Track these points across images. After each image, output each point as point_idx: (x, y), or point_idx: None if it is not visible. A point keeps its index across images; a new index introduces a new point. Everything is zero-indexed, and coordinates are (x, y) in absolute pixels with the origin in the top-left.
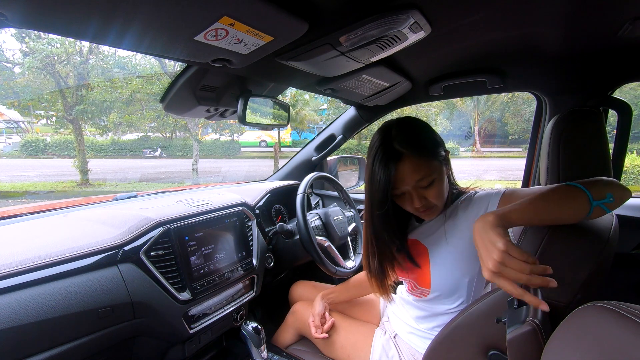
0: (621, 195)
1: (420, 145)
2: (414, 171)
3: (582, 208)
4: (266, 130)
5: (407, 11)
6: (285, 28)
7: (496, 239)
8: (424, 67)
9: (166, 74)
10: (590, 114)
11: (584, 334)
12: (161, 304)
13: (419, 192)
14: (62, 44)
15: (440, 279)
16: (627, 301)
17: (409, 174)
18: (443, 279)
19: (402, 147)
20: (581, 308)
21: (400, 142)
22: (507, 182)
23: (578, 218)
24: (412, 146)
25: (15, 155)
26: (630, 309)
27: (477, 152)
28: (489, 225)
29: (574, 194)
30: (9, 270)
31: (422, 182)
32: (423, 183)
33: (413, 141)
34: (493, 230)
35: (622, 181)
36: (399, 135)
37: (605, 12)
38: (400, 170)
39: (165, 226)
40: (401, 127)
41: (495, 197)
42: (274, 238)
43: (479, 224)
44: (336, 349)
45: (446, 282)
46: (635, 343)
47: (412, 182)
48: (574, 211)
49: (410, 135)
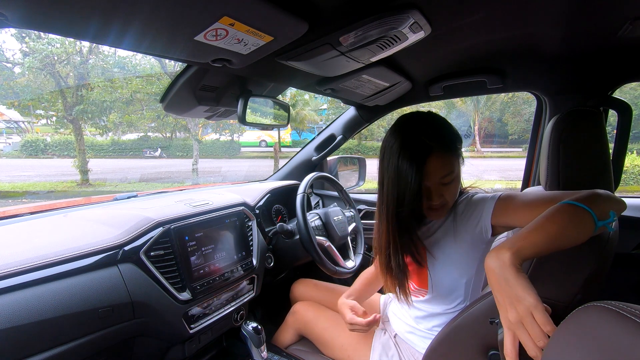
0: (620, 209)
1: (447, 139)
2: (442, 166)
3: (588, 230)
4: (266, 130)
5: (407, 11)
6: (285, 28)
7: (524, 294)
8: (424, 67)
9: (166, 74)
10: (590, 114)
11: (584, 334)
12: (161, 304)
13: (439, 189)
14: (62, 44)
15: (438, 279)
16: (627, 301)
17: (437, 169)
18: (441, 280)
19: (431, 141)
20: (581, 308)
21: (429, 136)
22: (507, 182)
23: (584, 240)
24: (440, 140)
25: (15, 155)
26: (630, 309)
27: (477, 152)
28: (508, 268)
29: (581, 217)
30: (9, 270)
31: (445, 179)
32: (447, 179)
33: (441, 135)
34: (516, 277)
35: (622, 181)
36: (428, 129)
37: (605, 12)
38: (428, 164)
39: (165, 226)
40: (428, 121)
41: (490, 201)
42: (274, 238)
43: (493, 263)
44: (336, 349)
45: (444, 283)
46: (635, 343)
47: (437, 178)
48: (583, 235)
49: (438, 130)
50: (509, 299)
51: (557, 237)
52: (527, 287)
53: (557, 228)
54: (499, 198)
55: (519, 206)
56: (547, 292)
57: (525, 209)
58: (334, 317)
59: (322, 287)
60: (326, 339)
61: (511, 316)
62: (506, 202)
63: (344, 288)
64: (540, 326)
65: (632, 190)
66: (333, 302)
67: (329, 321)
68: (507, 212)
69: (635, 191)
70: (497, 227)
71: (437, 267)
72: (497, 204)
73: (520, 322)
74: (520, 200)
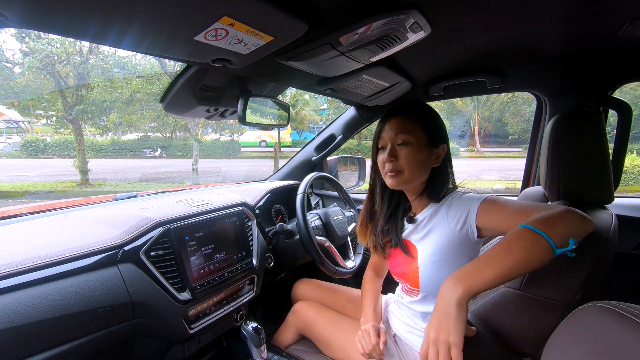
0: (585, 230)
1: (418, 112)
2: (397, 125)
3: (545, 258)
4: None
5: (407, 11)
6: (285, 28)
7: (454, 330)
8: (424, 67)
9: (166, 74)
10: (590, 114)
11: (584, 334)
12: (161, 304)
13: (394, 150)
14: (62, 44)
15: (427, 279)
16: (627, 301)
17: (393, 127)
18: (430, 279)
19: (402, 109)
20: (581, 308)
21: (405, 105)
22: (507, 182)
23: (542, 265)
24: (410, 110)
25: (15, 155)
26: (630, 309)
27: (476, 152)
28: (454, 305)
29: (538, 246)
30: (9, 270)
31: (398, 137)
32: (398, 138)
33: (414, 108)
34: (457, 314)
35: (622, 181)
36: (406, 103)
37: (605, 12)
38: (389, 122)
39: (165, 226)
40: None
41: (476, 202)
42: (274, 238)
43: (446, 292)
44: (336, 349)
45: (433, 283)
46: (635, 343)
47: (392, 134)
48: (540, 262)
49: (414, 104)
50: (440, 324)
51: (513, 269)
52: (460, 327)
53: (513, 260)
54: (484, 200)
55: (499, 212)
56: (546, 291)
57: (505, 217)
58: (334, 317)
59: (324, 287)
60: (326, 339)
61: (432, 335)
62: (490, 206)
63: (346, 288)
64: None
65: (632, 190)
66: (335, 302)
67: (329, 321)
68: (490, 216)
69: (635, 191)
70: (482, 230)
71: (425, 266)
72: (481, 205)
73: (436, 343)
74: (502, 206)
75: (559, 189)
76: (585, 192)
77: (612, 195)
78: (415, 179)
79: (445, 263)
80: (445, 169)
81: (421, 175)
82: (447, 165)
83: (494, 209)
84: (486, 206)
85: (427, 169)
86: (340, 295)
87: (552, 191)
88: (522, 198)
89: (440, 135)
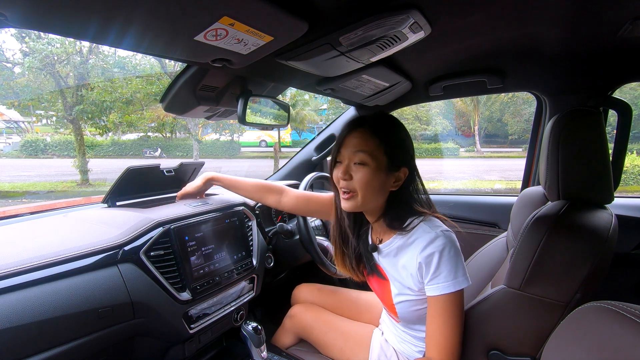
0: None
1: (385, 129)
2: (358, 143)
3: None
4: (266, 130)
5: (407, 11)
6: (285, 28)
7: None
8: (424, 67)
9: (166, 74)
10: (590, 114)
11: (584, 334)
12: (161, 304)
13: (349, 167)
14: (62, 44)
15: (404, 313)
16: (627, 301)
17: (353, 143)
18: (406, 313)
19: (370, 122)
20: (581, 308)
21: (370, 119)
22: (507, 182)
23: None
24: (377, 125)
25: (15, 155)
26: (630, 309)
27: (477, 152)
28: None
29: None
30: (9, 270)
31: (355, 156)
32: (356, 157)
33: (382, 124)
34: None
35: (622, 181)
36: (374, 117)
37: (605, 12)
38: (351, 136)
39: (165, 226)
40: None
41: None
42: (274, 238)
43: None
44: (336, 351)
45: (410, 316)
46: (635, 343)
47: (350, 152)
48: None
49: (382, 120)
50: None
51: None
52: None
53: None
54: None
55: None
56: (546, 291)
57: (430, 317)
58: (332, 320)
59: (326, 291)
60: (325, 342)
61: None
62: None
63: (347, 290)
64: None
65: (632, 190)
66: (336, 304)
67: (327, 325)
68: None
69: (635, 191)
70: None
71: (398, 296)
72: (419, 265)
73: None
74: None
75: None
76: (585, 192)
77: (612, 195)
78: (369, 202)
79: (421, 301)
80: (406, 193)
81: (376, 199)
82: (409, 189)
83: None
84: (422, 268)
85: (383, 193)
86: (342, 296)
87: (552, 191)
88: (522, 198)
89: (403, 158)
